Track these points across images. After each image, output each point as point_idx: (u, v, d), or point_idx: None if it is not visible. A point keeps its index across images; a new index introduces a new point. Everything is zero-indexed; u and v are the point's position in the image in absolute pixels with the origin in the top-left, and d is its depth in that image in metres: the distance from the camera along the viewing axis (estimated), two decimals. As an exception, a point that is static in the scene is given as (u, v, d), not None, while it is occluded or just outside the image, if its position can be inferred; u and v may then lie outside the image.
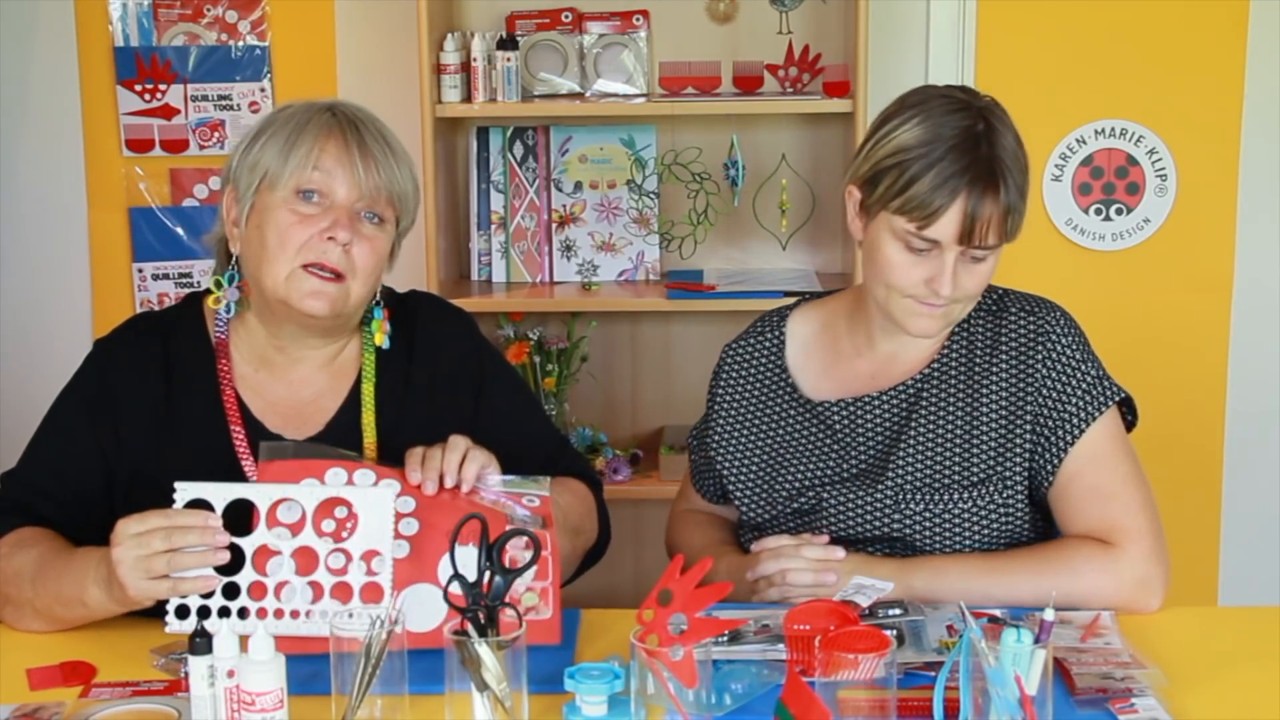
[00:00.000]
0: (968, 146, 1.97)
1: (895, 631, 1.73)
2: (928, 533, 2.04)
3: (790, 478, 2.13)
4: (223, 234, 2.09)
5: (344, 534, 1.82)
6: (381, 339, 2.11)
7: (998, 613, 1.88)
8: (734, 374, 2.22)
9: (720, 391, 2.22)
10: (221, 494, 1.81)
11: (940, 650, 1.77)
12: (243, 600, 1.80)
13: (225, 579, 1.80)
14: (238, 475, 2.01)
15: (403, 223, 2.08)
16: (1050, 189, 3.43)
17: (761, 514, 2.15)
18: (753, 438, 2.18)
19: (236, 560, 1.82)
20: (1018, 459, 2.04)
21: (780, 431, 2.16)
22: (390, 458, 2.05)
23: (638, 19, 3.37)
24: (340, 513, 1.83)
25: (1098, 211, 3.43)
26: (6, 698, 1.74)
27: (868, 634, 1.60)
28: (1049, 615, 1.58)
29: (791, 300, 2.27)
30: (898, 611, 1.87)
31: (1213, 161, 3.40)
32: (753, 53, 3.33)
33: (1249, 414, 3.48)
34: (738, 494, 2.18)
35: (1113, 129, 3.40)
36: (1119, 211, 3.43)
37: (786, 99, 3.24)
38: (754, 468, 2.17)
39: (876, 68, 3.15)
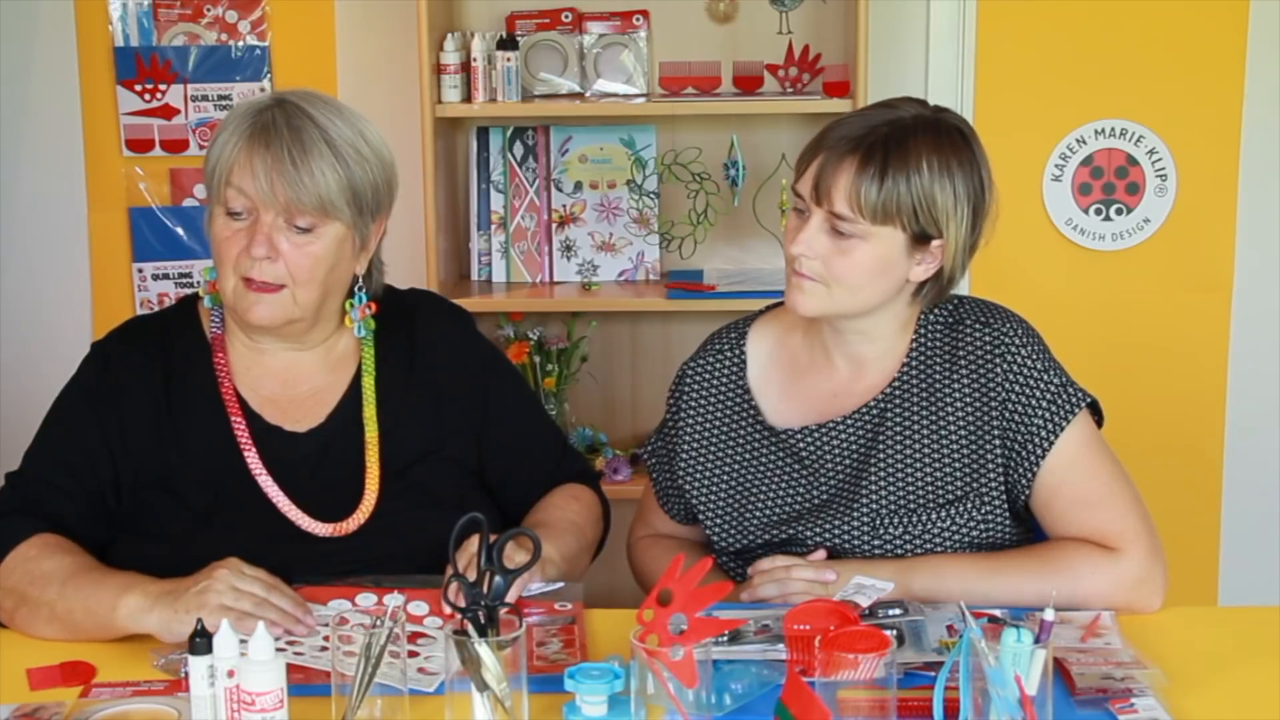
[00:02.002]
0: (868, 122, 1.99)
1: (895, 631, 1.73)
2: (908, 554, 2.02)
3: (763, 509, 2.10)
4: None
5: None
6: (350, 324, 2.10)
7: (998, 613, 1.87)
8: (697, 397, 2.18)
9: (684, 416, 2.18)
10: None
11: (940, 650, 1.76)
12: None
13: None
14: (240, 466, 2.02)
15: (345, 219, 2.01)
16: (1050, 189, 3.42)
17: (735, 543, 2.12)
18: (721, 466, 2.14)
19: None
20: (992, 473, 2.03)
21: (748, 460, 2.13)
22: (392, 452, 2.06)
23: (638, 19, 3.37)
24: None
25: (1098, 211, 3.43)
26: (6, 698, 1.74)
27: (868, 634, 1.60)
28: (1049, 615, 1.58)
29: (748, 313, 2.24)
30: (898, 611, 1.87)
31: (1213, 161, 3.40)
32: (753, 53, 3.33)
33: (1249, 414, 3.48)
34: (709, 522, 2.14)
35: (1113, 129, 3.40)
36: (1119, 211, 3.43)
37: (786, 99, 3.24)
38: (724, 497, 2.13)
39: (876, 68, 3.15)
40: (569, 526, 2.09)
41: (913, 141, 1.97)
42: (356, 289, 2.10)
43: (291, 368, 2.11)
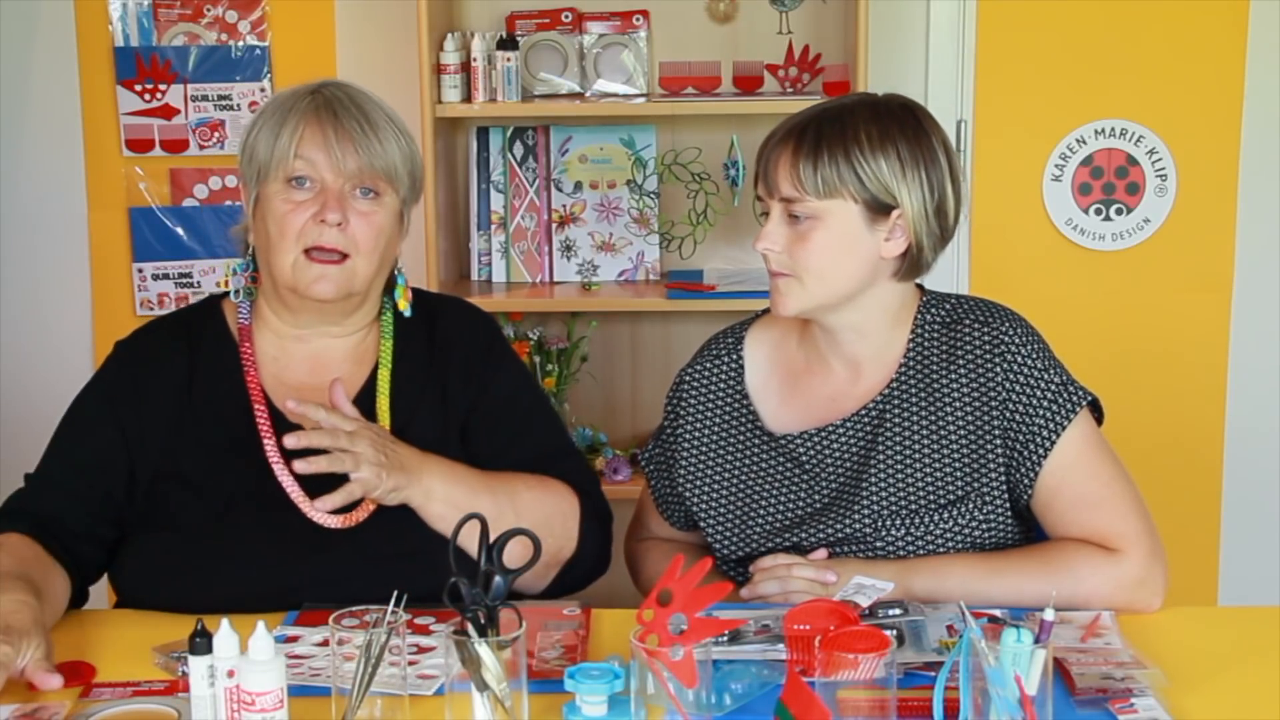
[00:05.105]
0: (808, 112, 2.05)
1: (895, 631, 1.73)
2: (910, 555, 2.02)
3: (764, 516, 2.10)
4: (247, 224, 2.12)
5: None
6: (405, 305, 2.14)
7: (998, 613, 1.87)
8: (695, 404, 2.18)
9: (683, 423, 2.18)
10: None
11: (940, 650, 1.76)
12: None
13: None
14: (258, 456, 2.02)
15: (402, 193, 2.09)
16: (1050, 189, 3.43)
17: (738, 550, 2.11)
18: (721, 473, 2.14)
19: None
20: (993, 474, 2.02)
21: (748, 466, 2.12)
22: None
23: (638, 19, 3.37)
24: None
25: (1098, 211, 3.43)
26: (7, 698, 1.74)
27: (868, 634, 1.60)
28: (1049, 615, 1.58)
29: (746, 315, 2.25)
30: (898, 611, 1.87)
31: (1213, 161, 3.40)
32: (753, 53, 3.33)
33: (1249, 414, 3.48)
34: (710, 531, 2.13)
35: (1113, 129, 3.40)
36: (1119, 211, 3.43)
37: (786, 99, 3.24)
38: (725, 504, 2.13)
39: (876, 68, 3.15)
40: (499, 485, 2.02)
41: (849, 116, 2.02)
42: (397, 271, 2.15)
43: (321, 356, 2.12)
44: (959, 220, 2.07)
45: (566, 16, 3.37)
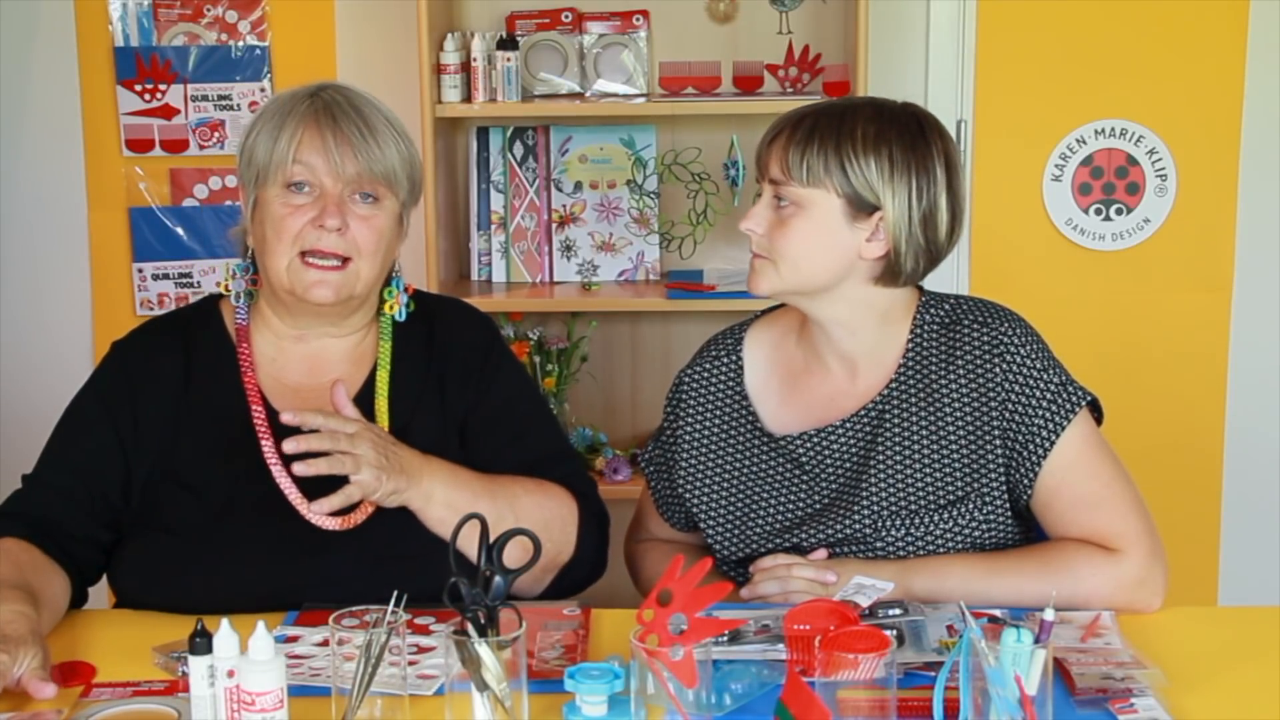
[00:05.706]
0: (819, 103, 2.08)
1: (895, 631, 1.73)
2: (910, 555, 2.02)
3: (764, 517, 2.10)
4: (246, 226, 2.11)
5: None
6: (396, 308, 2.13)
7: (998, 613, 1.88)
8: (695, 405, 2.18)
9: (683, 425, 2.18)
10: None
11: (940, 650, 1.77)
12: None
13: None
14: (256, 457, 2.02)
15: (401, 196, 2.08)
16: (1050, 189, 3.43)
17: (739, 551, 2.11)
18: (721, 474, 2.14)
19: None
20: (992, 474, 2.02)
21: (748, 468, 2.12)
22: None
23: (638, 19, 3.38)
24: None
25: (1098, 211, 3.43)
26: (2, 706, 1.73)
27: (868, 634, 1.60)
28: (1049, 615, 1.58)
29: (746, 315, 2.25)
30: (898, 611, 1.87)
31: (1213, 161, 3.40)
32: (753, 53, 3.33)
33: (1249, 414, 3.48)
34: (711, 532, 2.14)
35: (1113, 129, 3.40)
36: (1119, 211, 3.43)
37: (786, 99, 3.23)
38: (725, 505, 2.13)
39: (876, 68, 3.15)
40: (499, 489, 2.02)
41: (850, 113, 2.03)
42: (395, 274, 2.14)
43: (319, 357, 2.12)
44: (955, 238, 2.06)
45: (566, 16, 3.37)
